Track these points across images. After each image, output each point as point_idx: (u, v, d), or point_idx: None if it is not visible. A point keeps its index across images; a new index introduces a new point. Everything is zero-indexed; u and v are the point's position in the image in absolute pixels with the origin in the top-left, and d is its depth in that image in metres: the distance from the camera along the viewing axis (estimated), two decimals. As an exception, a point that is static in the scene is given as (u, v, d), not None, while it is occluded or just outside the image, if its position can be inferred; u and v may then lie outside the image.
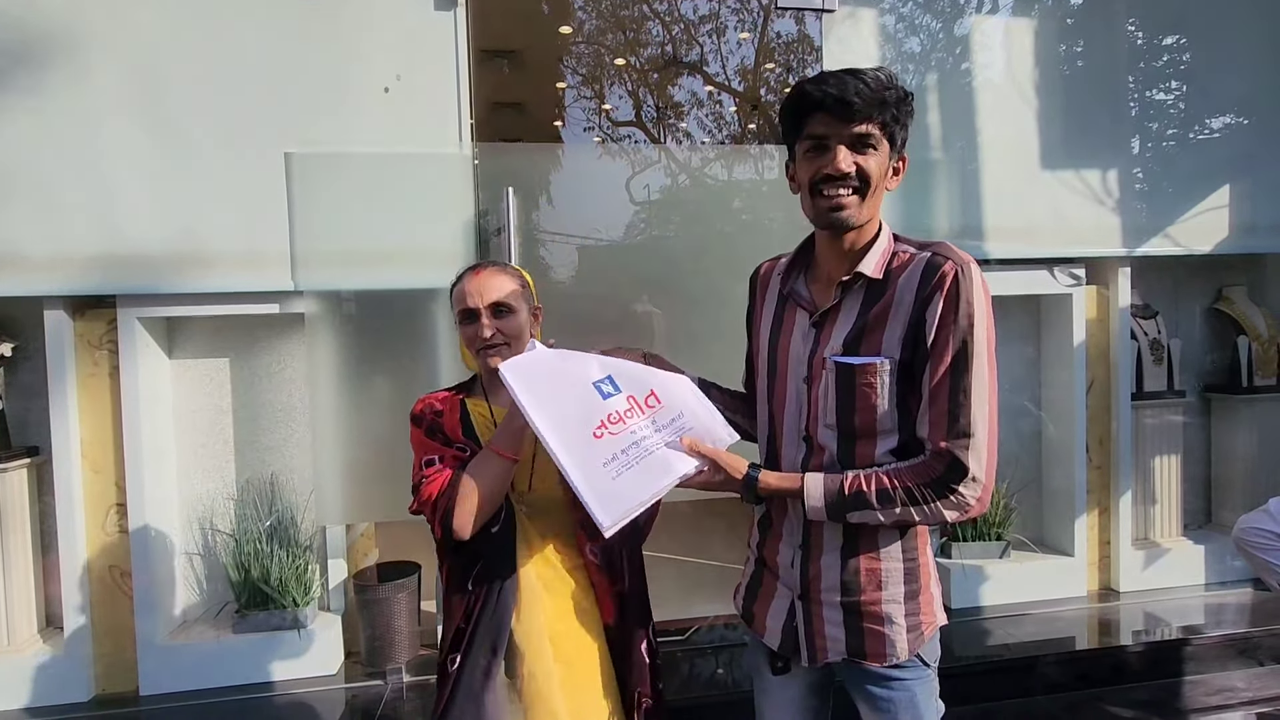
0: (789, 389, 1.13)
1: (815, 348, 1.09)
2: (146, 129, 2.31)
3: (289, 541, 2.47)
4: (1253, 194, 2.95)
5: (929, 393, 1.01)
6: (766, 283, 1.24)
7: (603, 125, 7.91)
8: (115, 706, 2.32)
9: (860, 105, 0.98)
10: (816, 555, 1.12)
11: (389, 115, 2.43)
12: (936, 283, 1.00)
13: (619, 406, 1.10)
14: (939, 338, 1.00)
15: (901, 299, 1.02)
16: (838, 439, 1.07)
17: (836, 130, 1.00)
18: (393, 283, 2.42)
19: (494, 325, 1.23)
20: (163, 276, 2.33)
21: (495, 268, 1.28)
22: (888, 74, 1.01)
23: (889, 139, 1.02)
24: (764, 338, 1.20)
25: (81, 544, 2.36)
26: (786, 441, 1.14)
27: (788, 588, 1.16)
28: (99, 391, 2.41)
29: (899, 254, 1.06)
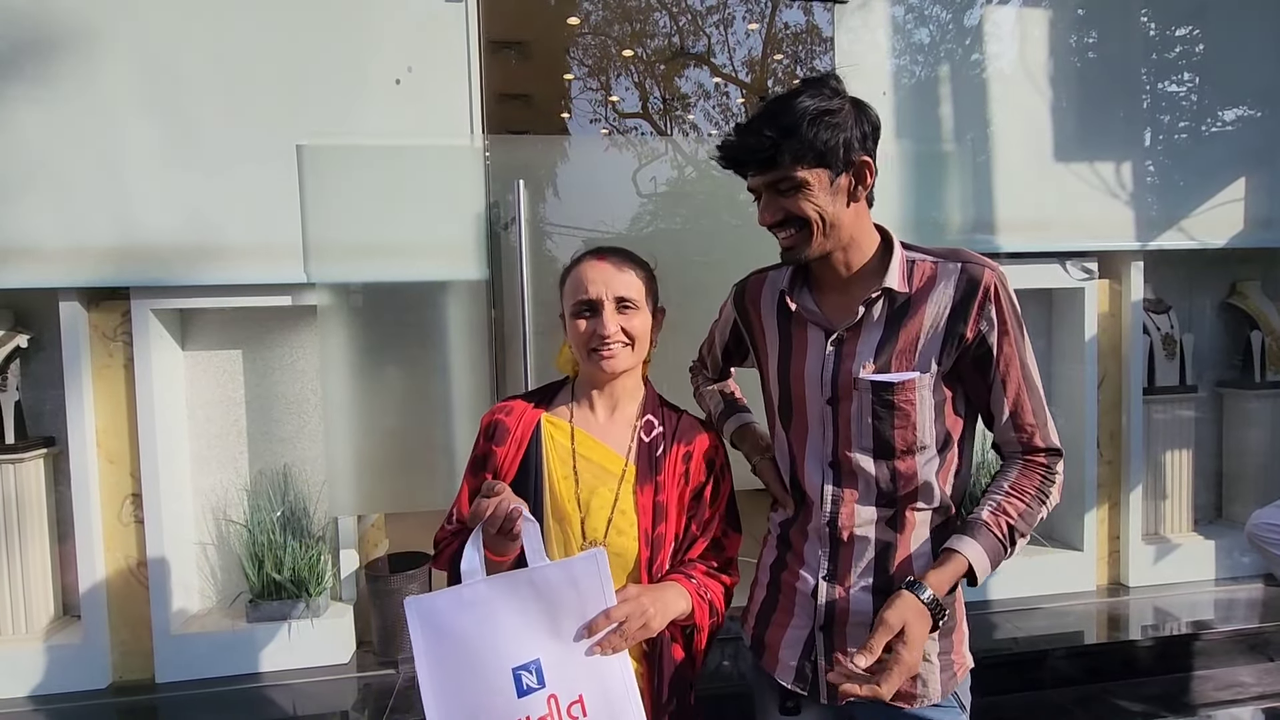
0: (809, 413, 1.05)
1: (838, 367, 1.02)
2: (159, 121, 2.32)
3: (301, 532, 2.49)
4: (1268, 187, 2.93)
5: (1010, 403, 1.00)
6: (758, 300, 1.16)
7: (609, 117, 7.89)
8: (132, 693, 2.35)
9: (751, 162, 0.96)
10: (844, 585, 1.04)
11: (400, 107, 2.43)
12: (983, 295, 0.96)
13: (535, 711, 0.90)
14: (1002, 350, 0.98)
15: (937, 311, 0.98)
16: (874, 460, 1.01)
17: (755, 181, 0.99)
18: (404, 275, 2.43)
19: (618, 321, 1.07)
20: (176, 268, 2.34)
21: (622, 256, 1.11)
22: (796, 97, 0.93)
23: (820, 163, 0.94)
24: (771, 360, 1.12)
25: (98, 534, 2.39)
26: (809, 469, 1.06)
27: (807, 617, 1.06)
28: (113, 383, 2.43)
29: (917, 263, 1.02)
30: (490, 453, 1.11)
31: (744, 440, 1.25)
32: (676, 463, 1.10)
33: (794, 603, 1.09)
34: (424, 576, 2.55)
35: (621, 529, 1.06)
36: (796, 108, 0.93)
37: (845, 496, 1.03)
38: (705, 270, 2.64)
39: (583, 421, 1.12)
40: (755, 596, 1.17)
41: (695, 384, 1.41)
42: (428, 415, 2.48)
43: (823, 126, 0.93)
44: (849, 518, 1.03)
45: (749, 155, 0.96)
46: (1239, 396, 3.15)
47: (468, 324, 2.47)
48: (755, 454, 1.21)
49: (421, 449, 2.48)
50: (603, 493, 1.07)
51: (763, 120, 0.94)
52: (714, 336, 1.32)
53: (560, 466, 1.09)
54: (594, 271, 1.08)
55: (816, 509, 1.06)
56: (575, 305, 1.08)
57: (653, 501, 1.07)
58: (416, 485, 2.48)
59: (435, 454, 2.48)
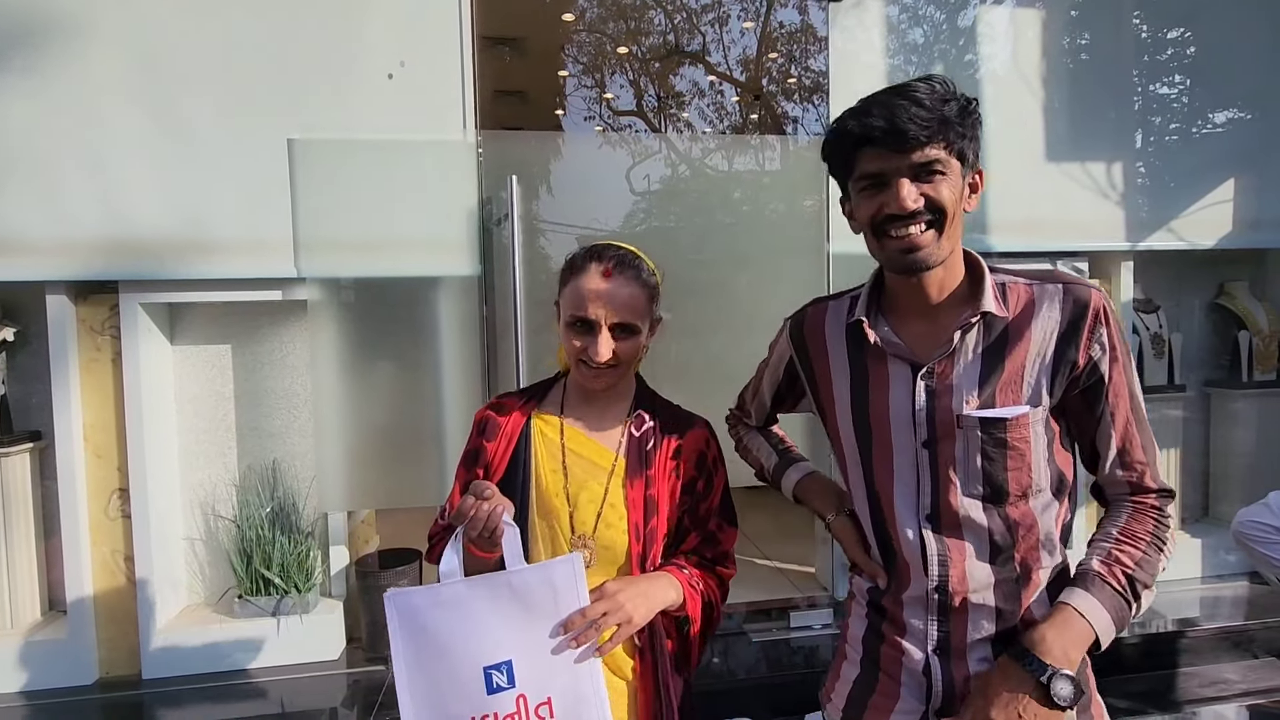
0: (897, 458, 0.92)
1: (933, 404, 0.89)
2: (149, 114, 2.30)
3: (291, 528, 2.48)
4: (1257, 188, 2.95)
5: (1119, 438, 0.89)
6: (820, 335, 1.03)
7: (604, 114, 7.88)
8: (119, 689, 2.34)
9: (916, 130, 0.82)
10: (961, 660, 0.91)
11: (392, 102, 2.42)
12: (1093, 318, 0.87)
13: (503, 709, 0.92)
14: (1113, 379, 0.88)
15: (1043, 337, 0.88)
16: (984, 508, 0.89)
17: (894, 163, 0.85)
18: (396, 270, 2.42)
19: (612, 346, 1.04)
20: (165, 262, 2.32)
21: (629, 274, 1.06)
22: (943, 83, 0.86)
23: (958, 157, 0.86)
24: (841, 400, 0.99)
25: (84, 529, 2.37)
26: (902, 521, 0.93)
27: (917, 700, 0.93)
28: (101, 377, 2.41)
29: (1009, 286, 0.91)
30: (481, 448, 1.11)
31: (812, 495, 1.12)
32: (667, 457, 1.10)
33: (899, 681, 0.95)
34: (414, 573, 2.55)
35: (610, 522, 1.06)
36: (945, 93, 0.85)
37: (953, 555, 0.90)
38: (698, 269, 2.65)
39: (574, 417, 1.12)
40: (843, 674, 1.03)
41: (736, 434, 1.28)
42: (419, 411, 2.47)
43: (970, 119, 0.86)
44: (961, 580, 0.90)
45: (908, 125, 0.82)
46: (1226, 396, 3.17)
47: (459, 320, 2.47)
48: (829, 510, 1.08)
49: (412, 445, 2.47)
50: (592, 486, 1.07)
51: (916, 95, 0.84)
52: (761, 379, 1.18)
53: (549, 461, 1.09)
54: (598, 288, 1.04)
55: (917, 571, 0.92)
56: (572, 318, 1.05)
57: (643, 496, 1.07)
58: (407, 481, 2.48)
59: (426, 450, 2.47)
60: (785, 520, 4.03)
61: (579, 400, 1.13)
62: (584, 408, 1.13)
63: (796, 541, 3.56)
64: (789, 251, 2.66)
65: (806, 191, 2.67)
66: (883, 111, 0.84)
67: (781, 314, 3.11)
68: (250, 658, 2.41)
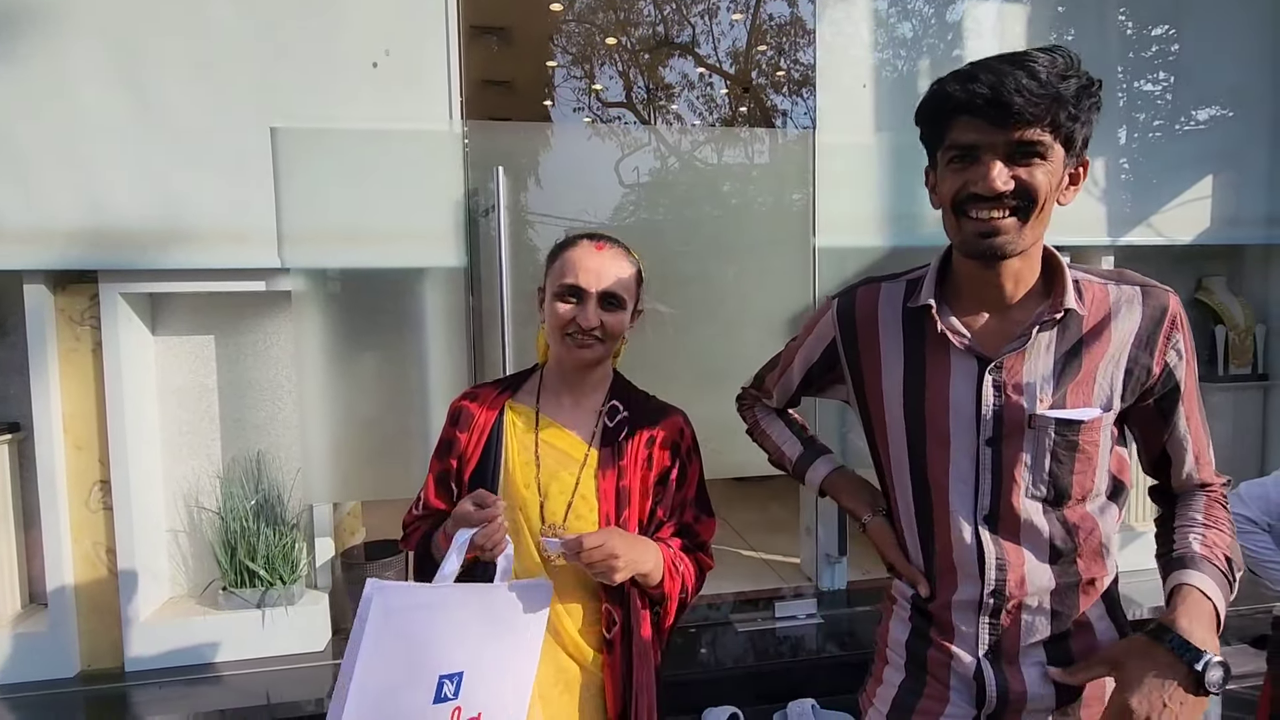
0: (954, 455, 0.88)
1: (1001, 401, 0.85)
2: (128, 100, 2.27)
3: (276, 520, 2.47)
4: (1236, 185, 3.00)
5: (1195, 444, 0.89)
6: (873, 318, 0.97)
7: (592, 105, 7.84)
8: (101, 682, 2.32)
9: (1022, 106, 0.75)
10: (1014, 664, 0.89)
11: (377, 91, 2.40)
12: (1170, 324, 0.85)
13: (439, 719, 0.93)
14: (1187, 386, 0.87)
15: (1121, 340, 0.84)
16: (1043, 510, 0.86)
17: (990, 138, 0.78)
18: (381, 261, 2.41)
19: (600, 315, 1.06)
20: (146, 252, 2.29)
21: (619, 249, 1.10)
22: (1066, 57, 0.78)
23: (1064, 142, 0.79)
24: (891, 390, 0.93)
25: (65, 521, 2.35)
26: (957, 521, 0.89)
27: (968, 704, 0.91)
28: (81, 368, 2.38)
29: (1084, 284, 0.87)
30: (455, 438, 1.12)
31: (844, 493, 1.07)
32: (639, 448, 1.10)
33: (948, 685, 0.92)
34: (400, 564, 2.55)
35: (581, 514, 1.06)
36: (1064, 69, 0.77)
37: (1011, 558, 0.87)
38: (685, 261, 2.65)
39: (548, 407, 1.13)
40: (886, 679, 1.00)
41: (751, 416, 1.23)
42: (405, 403, 2.47)
43: (1089, 103, 0.79)
44: (1020, 584, 0.87)
45: (1014, 99, 0.75)
46: (1202, 389, 3.22)
47: (445, 312, 2.46)
48: (864, 511, 1.03)
49: (398, 437, 2.46)
50: (563, 477, 1.08)
51: (1033, 65, 0.76)
52: (792, 358, 1.11)
53: (521, 452, 1.09)
54: (589, 260, 1.06)
55: (969, 574, 0.89)
56: (561, 287, 1.06)
57: (615, 487, 1.08)
58: (393, 473, 2.47)
59: (412, 442, 2.47)
60: (771, 512, 4.06)
61: (554, 391, 1.14)
62: (559, 398, 1.13)
63: (781, 533, 3.59)
64: (775, 245, 2.67)
65: (794, 185, 2.68)
66: (990, 79, 0.76)
67: (766, 307, 3.13)
68: (235, 650, 2.40)
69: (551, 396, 1.14)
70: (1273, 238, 3.05)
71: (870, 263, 2.70)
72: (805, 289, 2.67)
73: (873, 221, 2.70)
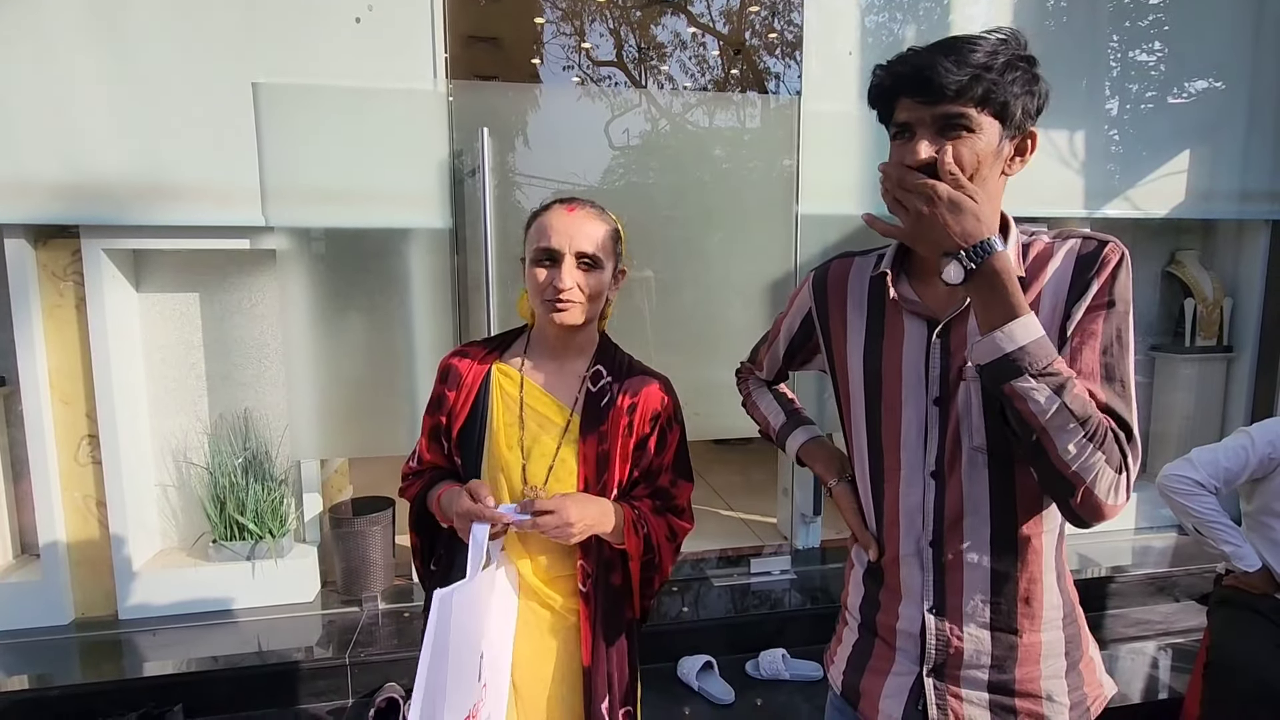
0: (905, 415, 0.92)
1: (945, 361, 0.89)
2: (107, 53, 2.22)
3: (264, 475, 2.52)
4: (1211, 160, 3.04)
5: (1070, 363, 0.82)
6: (842, 288, 1.02)
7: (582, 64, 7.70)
8: (95, 629, 2.39)
9: (942, 82, 0.80)
10: (955, 623, 0.91)
11: (360, 47, 2.37)
12: (1099, 265, 0.84)
13: (479, 698, 1.00)
14: (1091, 325, 0.83)
15: (1054, 292, 0.86)
16: (988, 464, 0.87)
17: (919, 114, 0.83)
18: (365, 221, 2.41)
19: (576, 277, 1.06)
20: (127, 207, 2.28)
21: (592, 210, 1.10)
22: (999, 35, 0.83)
23: (998, 115, 0.82)
24: (854, 354, 0.98)
25: (54, 474, 2.38)
26: (907, 479, 0.93)
27: (910, 661, 0.95)
28: (65, 323, 2.38)
29: (1033, 243, 0.90)
30: (444, 395, 1.14)
31: (815, 459, 1.12)
32: (621, 414, 1.11)
33: (894, 645, 0.97)
34: (388, 520, 2.61)
35: (560, 478, 1.09)
36: (995, 46, 0.81)
37: (949, 513, 0.90)
38: (674, 226, 2.67)
39: (533, 371, 1.14)
40: (844, 639, 1.05)
41: (745, 389, 1.27)
42: (391, 363, 2.50)
43: (1019, 76, 0.82)
44: (959, 536, 0.90)
45: (935, 77, 0.80)
46: (1170, 360, 3.33)
47: (431, 272, 2.48)
48: (831, 475, 1.08)
49: (384, 396, 2.50)
50: (545, 441, 1.10)
51: (956, 46, 0.81)
52: (778, 330, 1.16)
53: (505, 414, 1.11)
54: (560, 222, 1.07)
55: (913, 526, 0.92)
56: (536, 252, 1.07)
57: (595, 452, 1.10)
58: (380, 431, 2.52)
59: (398, 401, 2.51)
60: (749, 474, 4.16)
61: (540, 354, 1.15)
62: (544, 361, 1.15)
63: (759, 494, 3.70)
64: (759, 211, 2.69)
65: (780, 151, 2.69)
66: (916, 60, 0.83)
67: (748, 273, 3.16)
68: (226, 599, 2.47)
69: (537, 359, 1.15)
70: (1245, 213, 3.11)
71: (851, 231, 2.73)
72: (787, 256, 2.71)
73: (855, 190, 2.73)
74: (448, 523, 1.10)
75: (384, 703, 2.06)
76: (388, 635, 2.32)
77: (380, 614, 2.47)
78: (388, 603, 2.53)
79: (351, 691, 2.20)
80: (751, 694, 2.26)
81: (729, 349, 2.69)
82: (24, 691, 2.05)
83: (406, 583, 2.68)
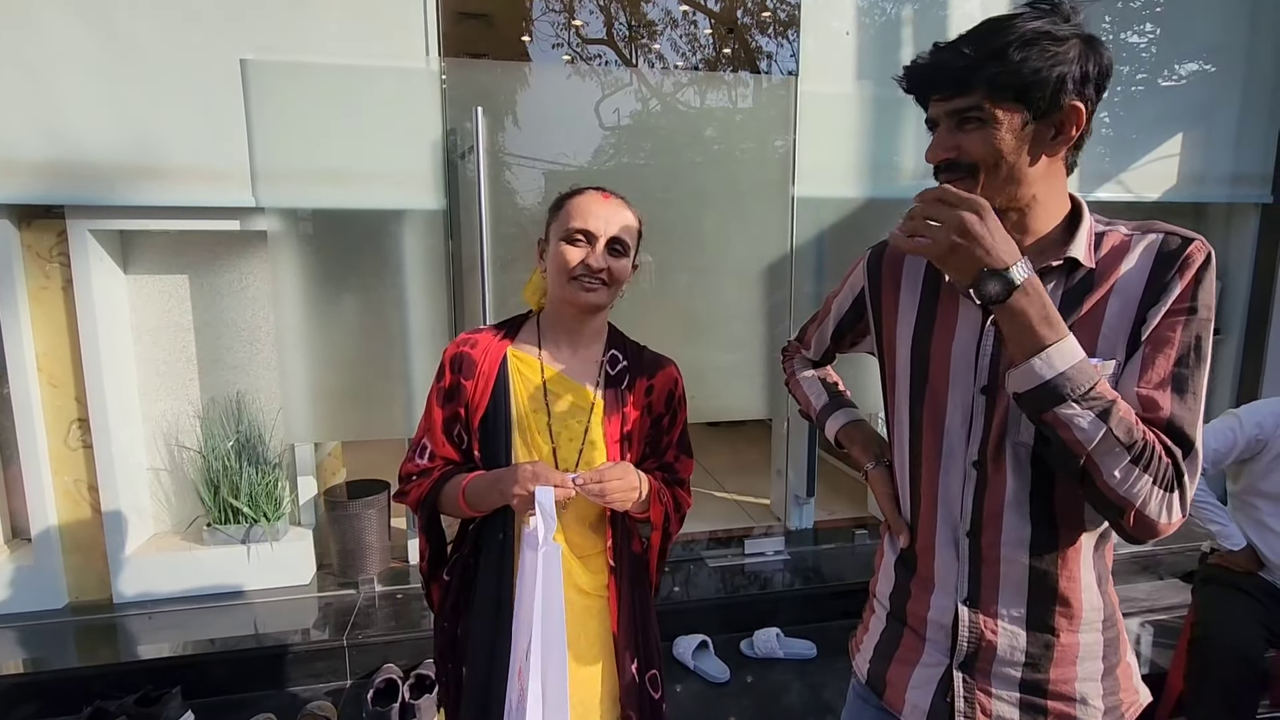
0: (951, 402, 0.89)
1: (997, 349, 0.85)
2: (92, 28, 2.17)
3: (258, 459, 2.51)
4: (1203, 143, 3.05)
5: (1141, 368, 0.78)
6: (897, 268, 0.98)
7: (572, 42, 7.59)
8: (90, 613, 2.38)
9: (946, 78, 0.79)
10: (990, 615, 0.89)
11: (351, 23, 2.32)
12: (1181, 265, 0.78)
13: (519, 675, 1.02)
14: (1164, 324, 0.78)
15: (1127, 288, 0.80)
16: (1031, 461, 0.84)
17: (938, 109, 0.83)
18: (358, 202, 2.38)
19: (607, 260, 1.08)
20: (114, 187, 2.24)
21: (622, 200, 1.14)
22: (1017, 16, 0.78)
23: (1019, 99, 0.78)
24: (903, 337, 0.95)
25: (44, 458, 2.36)
26: (946, 468, 0.90)
27: (940, 653, 0.93)
28: (52, 305, 2.35)
29: (1107, 234, 0.85)
30: (459, 385, 1.12)
31: (854, 441, 1.10)
32: (640, 395, 1.16)
33: (923, 636, 0.94)
34: (383, 503, 2.61)
35: (590, 460, 1.11)
36: (1011, 27, 0.77)
37: (989, 505, 0.87)
38: (666, 208, 2.66)
39: (550, 356, 1.15)
40: (871, 628, 1.04)
41: (789, 368, 1.25)
42: (384, 345, 2.48)
43: (1035, 52, 0.76)
44: (997, 530, 0.87)
45: (936, 73, 0.80)
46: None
47: (425, 254, 2.45)
48: (868, 458, 1.06)
49: (378, 378, 2.49)
50: (573, 425, 1.12)
51: (970, 35, 0.80)
52: (829, 309, 1.14)
53: (530, 400, 1.11)
54: (599, 206, 1.09)
55: (951, 516, 0.90)
56: (571, 231, 1.08)
57: (620, 432, 1.14)
58: (374, 414, 2.51)
59: (393, 383, 2.49)
60: (743, 456, 4.19)
61: (555, 339, 1.16)
62: (560, 347, 1.15)
63: (753, 476, 3.73)
64: (755, 193, 2.68)
65: (776, 132, 2.67)
66: (932, 55, 0.82)
67: (744, 256, 3.16)
68: (221, 583, 2.47)
69: (552, 345, 1.15)
70: (1236, 196, 3.13)
71: (848, 214, 2.73)
72: (783, 239, 2.70)
73: (852, 172, 2.72)
74: (477, 513, 1.10)
75: (383, 684, 2.07)
76: (385, 617, 2.33)
77: (377, 596, 2.48)
78: (384, 585, 2.54)
79: (350, 673, 2.21)
80: (746, 672, 2.29)
81: (725, 332, 2.70)
82: (19, 675, 2.05)
83: (403, 565, 2.69)
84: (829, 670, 2.31)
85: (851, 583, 2.62)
